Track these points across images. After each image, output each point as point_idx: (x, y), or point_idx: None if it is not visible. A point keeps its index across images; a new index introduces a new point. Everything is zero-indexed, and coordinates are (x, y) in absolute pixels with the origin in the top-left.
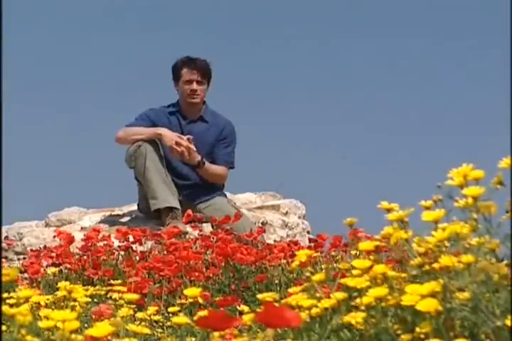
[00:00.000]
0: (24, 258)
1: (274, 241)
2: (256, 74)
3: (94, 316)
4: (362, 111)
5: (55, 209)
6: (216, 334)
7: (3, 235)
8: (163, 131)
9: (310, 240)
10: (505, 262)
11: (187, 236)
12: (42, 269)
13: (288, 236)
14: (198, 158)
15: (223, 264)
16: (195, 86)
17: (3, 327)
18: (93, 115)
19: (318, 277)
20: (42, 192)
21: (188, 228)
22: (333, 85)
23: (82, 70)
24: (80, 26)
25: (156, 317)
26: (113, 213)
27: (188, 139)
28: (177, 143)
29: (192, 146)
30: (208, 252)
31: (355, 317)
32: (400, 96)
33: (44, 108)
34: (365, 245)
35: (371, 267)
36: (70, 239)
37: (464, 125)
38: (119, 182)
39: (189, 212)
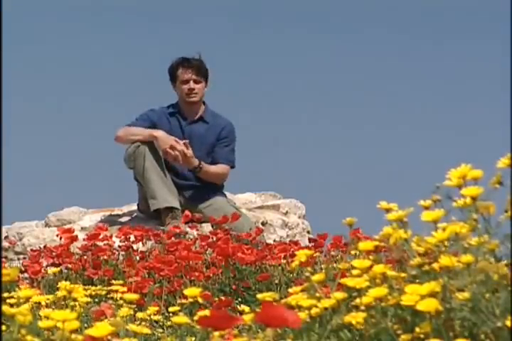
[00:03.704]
0: (24, 258)
1: (274, 241)
2: (256, 73)
3: (95, 315)
4: (362, 111)
5: (55, 209)
6: (216, 334)
7: (3, 235)
8: (159, 134)
9: (310, 240)
10: (504, 262)
11: (187, 236)
12: (42, 269)
13: (288, 236)
14: (195, 163)
15: (223, 264)
16: (192, 85)
17: (3, 327)
18: (93, 115)
19: (318, 277)
20: (42, 192)
21: (187, 228)
22: (333, 85)
23: (81, 70)
24: (80, 23)
25: (156, 317)
26: (113, 213)
27: (185, 144)
28: (171, 147)
29: (188, 152)
30: (207, 252)
31: (355, 317)
32: (399, 96)
33: (44, 107)
34: (364, 245)
35: (371, 267)
36: (73, 238)
37: (464, 125)
38: (119, 182)
39: (187, 212)
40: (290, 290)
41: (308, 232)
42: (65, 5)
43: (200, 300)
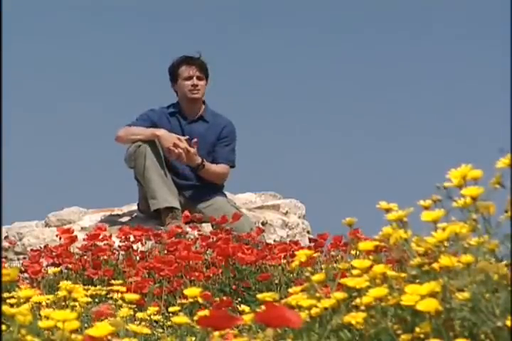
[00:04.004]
0: (24, 258)
1: (274, 241)
2: (256, 73)
3: (95, 315)
4: (362, 111)
5: (55, 209)
6: (216, 334)
7: (3, 235)
8: (161, 133)
9: (310, 240)
10: (504, 262)
11: (187, 236)
12: (42, 269)
13: (288, 236)
14: (198, 160)
15: (223, 264)
16: (195, 81)
17: (3, 327)
18: (93, 114)
19: (318, 277)
20: (42, 192)
21: (188, 228)
22: (333, 85)
23: (81, 70)
24: (80, 23)
25: (156, 317)
26: (113, 213)
27: (187, 140)
28: (175, 145)
29: (191, 149)
30: (208, 252)
31: (355, 317)
32: (399, 97)
33: (44, 107)
34: (364, 245)
35: (371, 267)
36: (73, 238)
37: (464, 124)
38: (119, 182)
39: (186, 213)
40: (290, 290)
41: (308, 232)
42: (65, 5)
43: (200, 300)
